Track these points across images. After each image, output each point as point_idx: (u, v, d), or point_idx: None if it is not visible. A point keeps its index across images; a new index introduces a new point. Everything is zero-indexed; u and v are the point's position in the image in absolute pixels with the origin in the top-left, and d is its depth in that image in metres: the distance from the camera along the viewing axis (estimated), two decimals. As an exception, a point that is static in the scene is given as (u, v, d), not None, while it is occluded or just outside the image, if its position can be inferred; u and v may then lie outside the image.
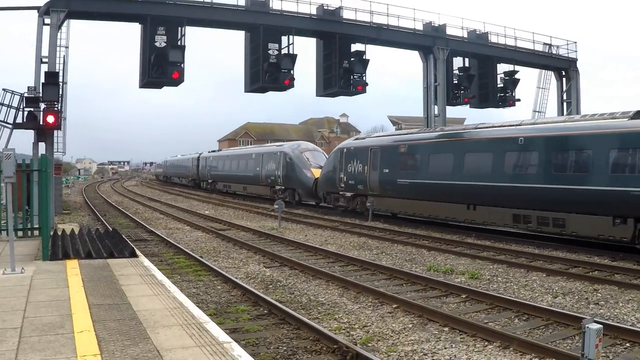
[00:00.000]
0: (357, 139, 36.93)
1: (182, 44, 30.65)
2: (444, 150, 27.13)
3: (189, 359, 6.75)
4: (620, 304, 13.08)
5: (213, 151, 72.21)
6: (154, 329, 7.95)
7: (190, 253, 19.52)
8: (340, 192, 35.07)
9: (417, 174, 28.32)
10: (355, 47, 36.35)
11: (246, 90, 35.00)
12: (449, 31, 41.27)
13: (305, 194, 41.72)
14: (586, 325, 7.05)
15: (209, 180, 64.93)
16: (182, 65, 30.25)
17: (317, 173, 39.61)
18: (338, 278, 15.29)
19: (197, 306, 9.79)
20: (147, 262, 14.07)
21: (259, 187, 48.92)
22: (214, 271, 16.33)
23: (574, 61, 47.19)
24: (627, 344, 9.96)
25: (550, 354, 9.18)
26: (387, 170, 30.42)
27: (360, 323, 11.20)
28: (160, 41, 29.96)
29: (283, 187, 43.91)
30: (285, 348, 9.53)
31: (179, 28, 30.79)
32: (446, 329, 10.88)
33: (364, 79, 36.14)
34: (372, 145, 32.58)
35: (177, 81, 30.67)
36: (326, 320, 11.44)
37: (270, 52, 32.63)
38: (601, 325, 7.17)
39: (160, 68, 29.99)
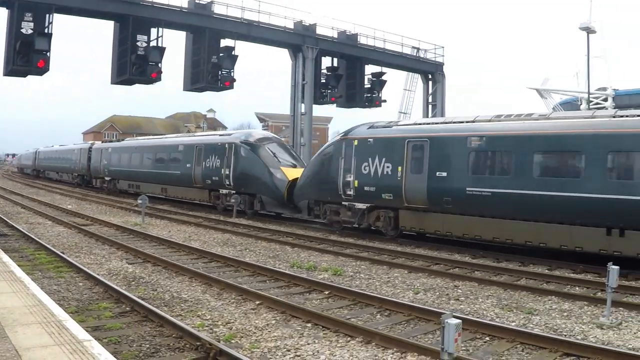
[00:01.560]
0: (373, 126, 24.68)
1: (50, 31, 29.51)
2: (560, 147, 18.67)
3: (48, 358, 6.61)
4: (480, 300, 13.70)
5: (110, 141, 61.09)
6: (12, 327, 7.71)
7: (52, 249, 18.75)
8: (345, 203, 24.79)
9: (507, 181, 19.36)
10: (225, 42, 36.36)
11: (112, 82, 34.30)
12: (319, 31, 42.00)
13: (273, 202, 30.07)
14: (445, 320, 7.18)
15: (106, 178, 50.48)
16: (48, 53, 29.17)
17: (290, 174, 29.39)
18: (201, 275, 15.21)
19: (58, 304, 9.56)
20: (5, 257, 13.57)
21: (192, 189, 36.00)
22: (76, 267, 15.81)
23: (440, 65, 48.99)
24: (487, 338, 10.44)
25: (411, 349, 9.47)
26: (443, 174, 20.93)
27: (223, 320, 11.20)
28: (27, 28, 28.70)
29: (233, 192, 32.07)
30: (148, 346, 9.41)
31: (47, 15, 29.62)
32: (309, 324, 11.02)
33: (232, 74, 36.20)
34: (411, 136, 22.43)
35: (42, 70, 29.65)
36: (189, 317, 11.38)
37: (138, 44, 32.10)
38: (460, 320, 7.35)
39: (26, 56, 28.77)
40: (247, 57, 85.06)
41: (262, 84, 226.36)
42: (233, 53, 36.10)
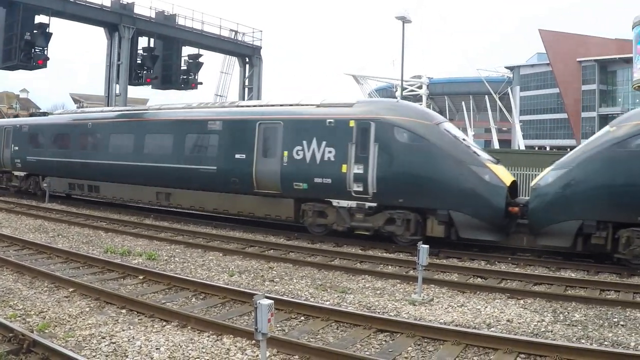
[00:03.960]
0: None
1: None
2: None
3: None
4: (295, 280, 14.32)
5: (43, 114, 36.82)
6: None
7: None
8: None
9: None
10: (40, 19, 35.11)
11: None
12: (137, 10, 41.65)
13: (477, 223, 18.09)
14: (257, 301, 7.28)
15: (18, 173, 33.65)
16: None
17: (503, 176, 18.50)
18: (12, 263, 14.72)
19: None
20: None
21: (247, 198, 22.14)
22: None
23: (258, 49, 49.68)
24: (302, 318, 10.89)
25: (227, 331, 9.71)
26: None
27: (36, 309, 10.94)
28: None
29: (372, 204, 19.25)
30: (-43, 339, 9.07)
31: None
32: (124, 311, 11.02)
33: (46, 53, 35.12)
34: None
35: None
36: (0, 307, 11.06)
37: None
38: (272, 301, 7.43)
39: None
40: (62, 35, 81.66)
41: (78, 64, 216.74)
42: (47, 30, 35.00)
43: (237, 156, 21.90)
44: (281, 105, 22.17)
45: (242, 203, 22.34)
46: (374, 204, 19.08)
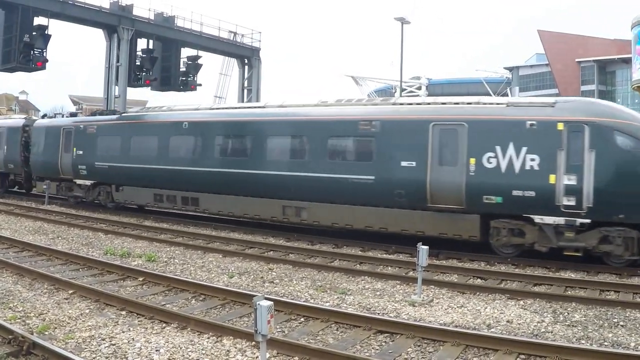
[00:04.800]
0: None
1: None
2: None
3: None
4: (295, 282, 14.34)
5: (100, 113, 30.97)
6: None
7: None
8: None
9: None
10: (39, 20, 35.10)
11: None
12: (136, 12, 41.71)
13: None
14: (257, 303, 7.30)
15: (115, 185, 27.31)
16: None
17: None
18: (12, 264, 14.77)
19: None
20: None
21: (416, 216, 18.84)
22: None
23: (257, 50, 49.64)
24: (302, 319, 10.91)
25: (227, 332, 9.74)
26: None
27: (36, 311, 10.96)
28: None
29: (585, 219, 16.41)
30: (-43, 341, 9.10)
31: None
32: (124, 312, 11.03)
33: (45, 54, 35.12)
34: None
35: None
36: (0, 309, 11.06)
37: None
38: (272, 302, 7.44)
39: None
40: (61, 37, 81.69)
41: (77, 66, 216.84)
42: (46, 32, 35.01)
43: (403, 164, 18.68)
44: (457, 104, 18.93)
45: (408, 220, 18.75)
46: (588, 220, 16.23)
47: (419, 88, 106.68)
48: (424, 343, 9.70)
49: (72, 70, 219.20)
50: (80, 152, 28.18)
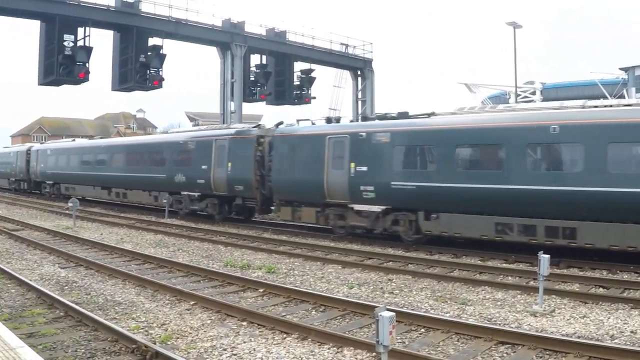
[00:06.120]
0: None
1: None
2: None
3: (-19, 366, 6.58)
4: (414, 292, 13.99)
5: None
6: (-58, 336, 7.65)
7: (-20, 256, 18.32)
8: None
9: None
10: (153, 41, 35.96)
11: (40, 83, 33.60)
12: (248, 28, 41.87)
13: None
14: (379, 314, 7.23)
15: (424, 212, 20.53)
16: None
17: None
18: (135, 277, 15.12)
19: (-11, 311, 9.49)
20: None
21: None
22: (7, 274, 15.46)
23: (369, 61, 49.33)
24: (422, 330, 10.69)
25: (347, 343, 9.64)
26: None
27: (158, 321, 11.19)
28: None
29: None
30: (83, 350, 9.38)
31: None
32: (245, 323, 11.07)
33: (161, 73, 35.85)
34: None
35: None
36: (124, 320, 11.31)
37: (65, 43, 31.44)
38: (394, 313, 7.39)
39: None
40: (175, 56, 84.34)
41: (191, 83, 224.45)
42: (161, 52, 35.78)
43: None
44: None
45: None
46: None
47: (534, 93, 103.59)
48: (546, 354, 9.41)
49: (186, 87, 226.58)
50: (364, 169, 21.55)
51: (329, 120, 25.58)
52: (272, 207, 26.91)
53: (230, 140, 27.53)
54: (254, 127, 28.69)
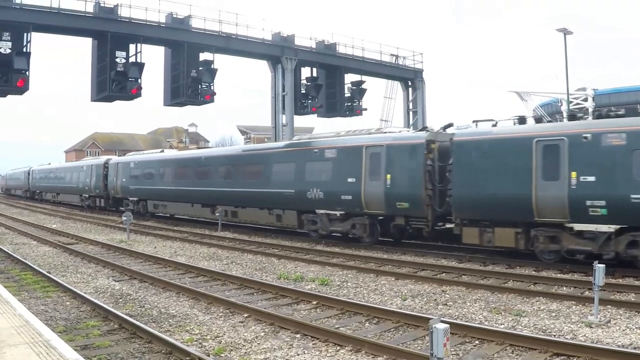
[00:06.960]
0: None
1: (28, 50, 29.38)
2: None
3: (37, 378, 6.57)
4: (468, 304, 13.78)
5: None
6: (0, 349, 7.65)
7: (38, 269, 18.54)
8: None
9: None
10: (204, 56, 36.32)
11: (92, 100, 34.07)
12: (297, 41, 41.92)
13: None
14: (433, 326, 7.20)
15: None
16: (27, 72, 29.00)
17: None
18: (188, 289, 15.17)
19: (45, 324, 9.53)
20: (-9, 279, 13.44)
21: None
22: (63, 287, 15.66)
23: (420, 72, 48.98)
24: (476, 342, 10.52)
25: (401, 355, 9.51)
26: None
27: (212, 334, 11.19)
28: (5, 47, 28.36)
29: None
30: (137, 363, 9.36)
31: (25, 34, 29.42)
32: (298, 335, 11.02)
33: (212, 88, 36.12)
34: None
35: (22, 89, 29.29)
36: (178, 332, 11.35)
37: (117, 60, 31.99)
38: (448, 325, 7.33)
39: (5, 75, 28.47)
40: (227, 70, 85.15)
41: (241, 96, 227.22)
42: (212, 66, 36.06)
43: None
44: None
45: None
46: None
47: (586, 100, 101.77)
48: (601, 366, 9.17)
49: (239, 101, 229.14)
50: (590, 179, 16.99)
51: (538, 120, 20.70)
52: (445, 226, 22.34)
53: (388, 147, 22.76)
54: (421, 130, 24.70)
